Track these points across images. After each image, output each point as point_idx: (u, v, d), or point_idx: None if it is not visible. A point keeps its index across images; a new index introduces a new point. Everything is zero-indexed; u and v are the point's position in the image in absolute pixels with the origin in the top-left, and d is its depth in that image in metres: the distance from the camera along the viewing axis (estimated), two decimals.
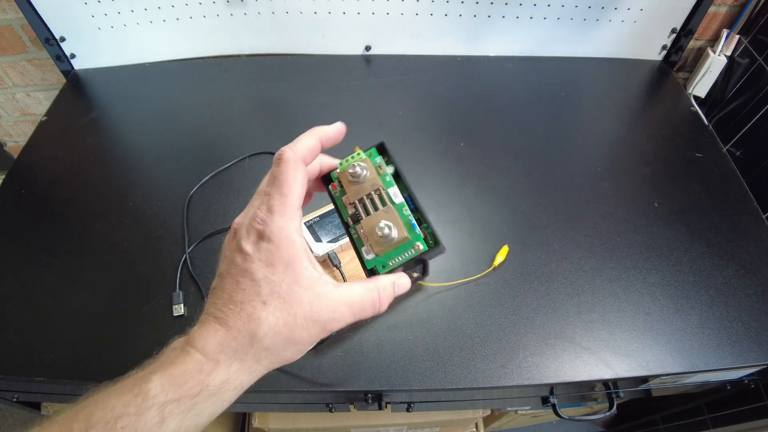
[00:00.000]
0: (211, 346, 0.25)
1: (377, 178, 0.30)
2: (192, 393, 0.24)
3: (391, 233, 0.29)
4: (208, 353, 0.25)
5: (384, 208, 0.30)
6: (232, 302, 0.25)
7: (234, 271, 0.26)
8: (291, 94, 0.82)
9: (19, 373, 0.50)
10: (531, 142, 0.74)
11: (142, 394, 0.23)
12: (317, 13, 0.83)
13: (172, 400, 0.23)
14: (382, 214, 0.29)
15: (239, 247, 0.26)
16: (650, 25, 0.85)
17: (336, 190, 0.32)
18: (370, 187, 0.30)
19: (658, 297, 0.56)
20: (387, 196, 0.30)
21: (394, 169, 0.31)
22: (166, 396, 0.23)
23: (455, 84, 0.85)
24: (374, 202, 0.30)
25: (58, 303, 0.55)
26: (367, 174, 0.30)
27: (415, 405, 0.63)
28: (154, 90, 0.84)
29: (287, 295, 0.25)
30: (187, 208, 0.64)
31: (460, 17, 0.84)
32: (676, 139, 0.76)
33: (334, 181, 0.32)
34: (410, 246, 0.29)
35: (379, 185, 0.30)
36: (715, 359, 0.51)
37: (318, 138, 0.30)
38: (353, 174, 0.30)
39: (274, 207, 0.26)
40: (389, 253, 0.29)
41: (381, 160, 0.31)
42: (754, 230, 0.63)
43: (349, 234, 0.31)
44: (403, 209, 0.30)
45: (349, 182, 0.31)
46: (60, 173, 0.69)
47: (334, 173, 0.32)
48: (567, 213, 0.64)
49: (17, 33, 0.85)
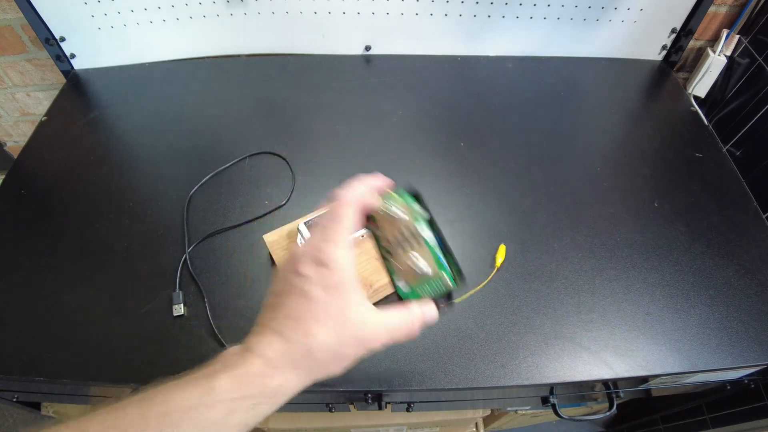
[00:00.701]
0: (272, 354, 0.28)
1: (412, 221, 0.34)
2: (254, 393, 0.28)
3: (424, 269, 0.34)
4: (269, 360, 0.28)
5: (419, 247, 0.34)
6: (290, 318, 0.29)
7: (292, 291, 0.29)
8: (291, 94, 0.82)
9: (19, 373, 0.50)
10: (531, 142, 0.74)
11: (211, 390, 0.27)
12: (317, 13, 0.83)
13: (238, 397, 0.27)
14: (416, 252, 0.34)
15: (297, 270, 0.30)
16: (650, 25, 0.85)
17: (375, 226, 0.36)
18: (405, 227, 0.34)
19: (657, 297, 0.56)
20: (421, 237, 0.34)
21: (429, 215, 0.35)
22: (232, 393, 0.27)
23: (455, 84, 0.85)
24: (409, 241, 0.34)
25: (58, 303, 0.55)
26: (404, 216, 0.34)
27: (415, 405, 0.63)
28: (154, 90, 0.84)
29: (338, 316, 0.29)
30: (187, 208, 0.64)
31: (460, 17, 0.84)
32: (675, 139, 0.76)
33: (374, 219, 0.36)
34: (440, 282, 0.34)
35: (414, 226, 0.34)
36: (715, 359, 0.51)
37: (368, 186, 0.33)
38: (392, 215, 0.34)
39: (331, 237, 0.30)
40: (421, 286, 0.35)
41: (417, 205, 0.35)
42: (754, 230, 0.63)
43: (386, 266, 0.37)
44: (435, 249, 0.34)
45: (387, 221, 0.35)
46: (60, 173, 0.69)
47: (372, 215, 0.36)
48: (567, 213, 0.64)
49: (17, 33, 0.85)
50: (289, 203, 0.64)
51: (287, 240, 0.56)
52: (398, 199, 0.35)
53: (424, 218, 0.35)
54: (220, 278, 0.57)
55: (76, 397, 0.63)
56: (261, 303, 0.31)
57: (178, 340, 0.52)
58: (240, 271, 0.57)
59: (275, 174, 0.68)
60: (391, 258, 0.36)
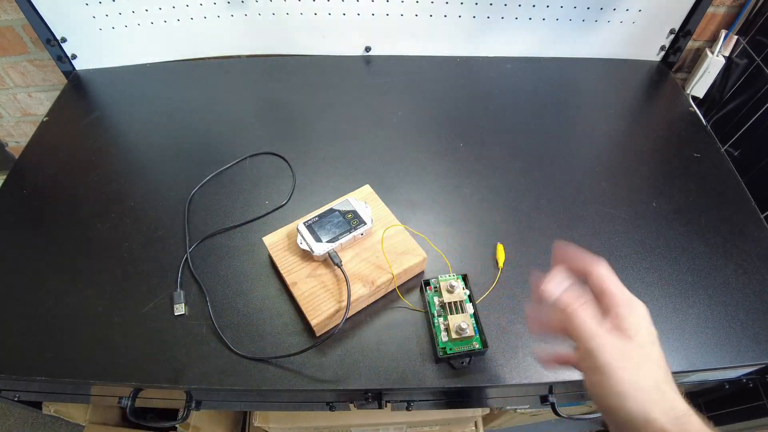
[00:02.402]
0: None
1: (462, 293, 0.52)
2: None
3: (467, 330, 0.48)
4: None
5: (463, 314, 0.50)
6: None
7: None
8: (291, 94, 0.82)
9: (20, 372, 0.50)
10: (530, 143, 0.75)
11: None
12: (317, 14, 0.83)
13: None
14: (462, 317, 0.50)
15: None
16: (649, 25, 0.86)
17: (430, 293, 0.53)
18: (455, 298, 0.51)
19: (656, 296, 0.56)
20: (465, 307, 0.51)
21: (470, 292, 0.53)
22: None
23: (455, 85, 0.86)
24: (457, 308, 0.51)
25: (59, 302, 0.55)
26: (457, 290, 0.52)
27: (414, 404, 0.63)
28: (155, 91, 0.84)
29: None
30: (188, 208, 0.64)
31: (459, 18, 0.84)
32: (674, 139, 0.77)
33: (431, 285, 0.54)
34: (470, 343, 0.49)
35: (461, 299, 0.51)
36: (714, 358, 0.52)
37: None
38: (451, 286, 0.52)
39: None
40: (457, 342, 0.49)
41: (464, 284, 0.53)
42: (752, 230, 0.63)
43: (432, 321, 0.51)
44: (472, 319, 0.50)
45: (446, 290, 0.52)
46: (61, 173, 0.69)
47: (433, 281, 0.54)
48: (566, 213, 0.65)
49: (18, 34, 0.85)
50: (290, 203, 0.65)
51: (287, 241, 0.56)
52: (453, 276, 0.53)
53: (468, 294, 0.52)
54: (221, 278, 0.57)
55: (77, 397, 0.64)
56: (262, 302, 0.29)
57: (179, 339, 0.52)
58: (241, 271, 0.58)
59: (275, 174, 0.68)
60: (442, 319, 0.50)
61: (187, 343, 0.52)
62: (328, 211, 0.57)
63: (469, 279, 0.53)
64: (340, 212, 0.57)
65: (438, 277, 0.53)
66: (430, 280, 0.53)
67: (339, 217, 0.56)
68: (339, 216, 0.56)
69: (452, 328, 0.48)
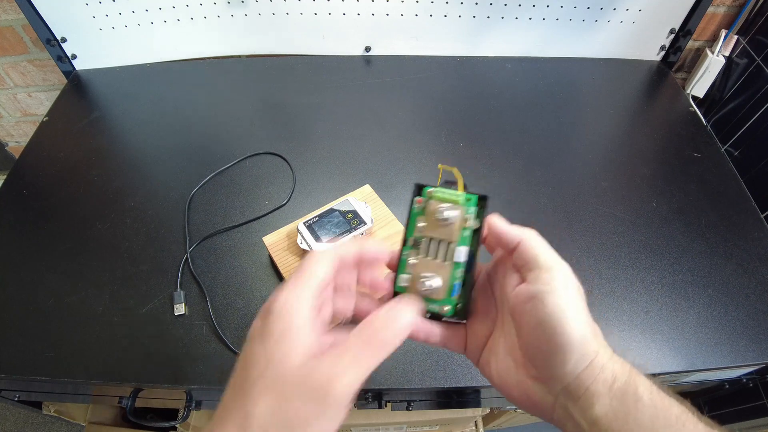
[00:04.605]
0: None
1: (457, 231, 0.30)
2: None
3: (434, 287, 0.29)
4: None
5: (444, 262, 0.29)
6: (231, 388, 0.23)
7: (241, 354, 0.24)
8: (291, 94, 0.82)
9: (20, 372, 0.50)
10: (530, 143, 0.75)
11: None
12: (317, 14, 0.83)
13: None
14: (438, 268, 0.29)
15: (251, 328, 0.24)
16: (649, 25, 0.86)
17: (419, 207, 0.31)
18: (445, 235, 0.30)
19: (656, 296, 0.56)
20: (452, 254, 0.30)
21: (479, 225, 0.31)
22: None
23: (455, 84, 0.86)
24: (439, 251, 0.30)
25: (59, 302, 0.55)
26: (453, 223, 0.30)
27: (415, 403, 0.63)
28: (155, 91, 0.84)
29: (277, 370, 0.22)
30: (188, 208, 0.64)
31: (459, 18, 0.84)
32: (674, 139, 0.77)
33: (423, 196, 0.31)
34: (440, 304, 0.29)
35: (453, 239, 0.30)
36: (714, 358, 0.52)
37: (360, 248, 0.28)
38: (443, 217, 0.29)
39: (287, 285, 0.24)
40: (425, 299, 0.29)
41: (474, 212, 0.31)
42: (752, 229, 0.63)
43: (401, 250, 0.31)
44: (457, 271, 0.30)
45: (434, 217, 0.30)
46: (61, 173, 0.69)
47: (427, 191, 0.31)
48: (566, 212, 0.65)
49: (18, 34, 0.85)
50: (290, 203, 0.65)
51: (287, 241, 0.56)
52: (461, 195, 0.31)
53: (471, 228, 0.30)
54: (221, 278, 0.57)
55: (77, 397, 0.64)
56: (262, 302, 0.26)
57: (179, 339, 0.52)
58: (241, 271, 0.58)
59: (275, 174, 0.68)
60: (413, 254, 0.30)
61: (187, 343, 0.52)
62: (328, 211, 0.57)
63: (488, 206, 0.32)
64: (340, 212, 0.57)
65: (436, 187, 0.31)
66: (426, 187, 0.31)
67: (339, 217, 0.56)
68: (339, 216, 0.56)
69: (415, 277, 0.29)
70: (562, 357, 0.25)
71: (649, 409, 0.24)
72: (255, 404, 0.21)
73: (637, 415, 0.24)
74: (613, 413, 0.24)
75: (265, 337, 0.23)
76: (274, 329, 0.23)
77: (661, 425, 0.24)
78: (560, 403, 0.26)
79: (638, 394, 0.25)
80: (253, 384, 0.22)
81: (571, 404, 0.25)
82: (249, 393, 0.22)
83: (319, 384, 0.21)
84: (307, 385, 0.21)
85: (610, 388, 0.25)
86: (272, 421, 0.21)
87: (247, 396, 0.22)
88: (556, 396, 0.26)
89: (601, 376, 0.25)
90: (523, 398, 0.28)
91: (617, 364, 0.26)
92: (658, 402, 0.25)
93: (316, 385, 0.21)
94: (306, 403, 0.21)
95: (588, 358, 0.25)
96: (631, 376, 0.25)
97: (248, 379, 0.22)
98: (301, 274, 0.25)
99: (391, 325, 0.24)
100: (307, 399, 0.21)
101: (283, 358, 0.22)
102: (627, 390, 0.25)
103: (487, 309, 0.31)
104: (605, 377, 0.25)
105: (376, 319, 0.25)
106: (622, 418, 0.24)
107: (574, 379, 0.25)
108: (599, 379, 0.25)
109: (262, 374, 0.22)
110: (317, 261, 0.25)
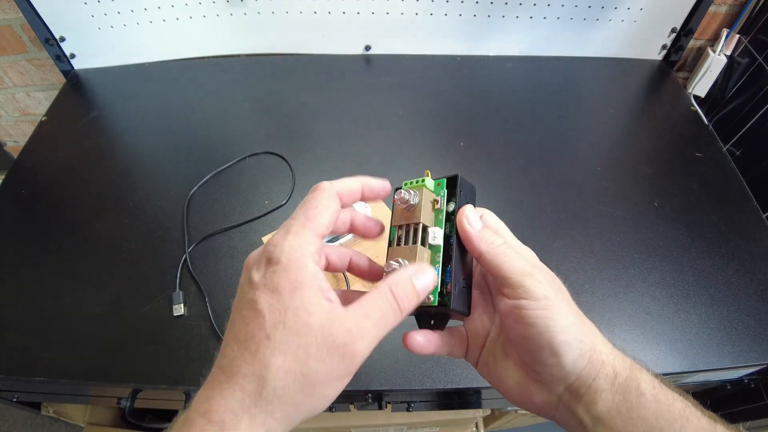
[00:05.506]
0: (215, 406, 0.21)
1: (430, 213, 0.28)
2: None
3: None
4: (212, 416, 0.21)
5: (413, 245, 0.27)
6: (236, 342, 0.22)
7: (240, 304, 0.23)
8: (291, 94, 0.82)
9: (19, 373, 0.50)
10: (531, 142, 0.74)
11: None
12: (317, 12, 0.83)
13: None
14: (406, 251, 0.27)
15: (248, 276, 0.23)
16: (650, 24, 0.85)
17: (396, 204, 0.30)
18: (412, 219, 0.28)
19: (657, 296, 0.56)
20: (423, 235, 0.28)
21: (454, 207, 0.28)
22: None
23: (455, 84, 0.85)
24: (408, 236, 0.28)
25: (58, 303, 0.55)
26: (418, 203, 0.28)
27: (415, 405, 0.63)
28: (154, 90, 0.84)
29: (294, 324, 0.21)
30: (187, 208, 0.64)
31: (460, 17, 0.84)
32: (675, 138, 0.76)
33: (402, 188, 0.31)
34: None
35: (422, 221, 0.28)
36: (715, 359, 0.51)
37: (361, 183, 0.27)
38: (401, 199, 0.28)
39: (292, 228, 0.24)
40: None
41: (444, 194, 0.29)
42: (754, 230, 0.63)
43: (387, 249, 0.30)
44: (437, 255, 0.27)
45: (400, 207, 0.29)
46: (60, 173, 0.69)
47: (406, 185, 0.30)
48: (567, 212, 0.64)
49: (17, 33, 0.85)
50: (289, 203, 0.64)
51: None
52: (422, 181, 0.30)
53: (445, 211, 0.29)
54: (221, 278, 0.57)
55: (76, 397, 0.63)
56: None
57: (178, 339, 0.52)
58: (240, 271, 0.57)
59: (275, 174, 0.68)
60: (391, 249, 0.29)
61: (186, 344, 0.51)
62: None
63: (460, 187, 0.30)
64: None
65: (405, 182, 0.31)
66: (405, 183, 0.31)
67: None
68: None
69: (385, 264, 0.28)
70: (558, 361, 0.25)
71: (652, 404, 0.24)
72: (271, 359, 0.21)
73: (641, 410, 0.24)
74: (617, 409, 0.24)
75: (276, 288, 0.22)
76: (285, 280, 0.22)
77: (664, 420, 0.24)
78: (563, 403, 0.26)
79: (641, 390, 0.24)
80: (267, 338, 0.21)
81: (574, 403, 0.25)
82: (262, 347, 0.21)
83: (344, 342, 0.21)
84: (331, 343, 0.21)
85: (612, 384, 0.24)
86: (292, 376, 0.21)
87: (260, 351, 0.21)
88: (558, 396, 0.26)
89: (602, 371, 0.25)
90: (524, 399, 0.27)
91: (618, 359, 0.25)
92: (661, 397, 0.24)
93: (341, 343, 0.21)
94: (328, 362, 0.21)
95: (586, 355, 0.25)
96: (632, 372, 0.25)
97: (259, 332, 0.21)
98: (306, 218, 0.24)
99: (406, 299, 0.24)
100: (330, 357, 0.21)
101: (301, 311, 0.21)
102: (629, 385, 0.24)
103: (484, 307, 0.30)
104: (606, 372, 0.25)
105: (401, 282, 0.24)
106: (625, 414, 0.24)
107: (575, 379, 0.25)
108: (601, 374, 0.25)
109: (276, 327, 0.21)
110: (325, 207, 0.24)
